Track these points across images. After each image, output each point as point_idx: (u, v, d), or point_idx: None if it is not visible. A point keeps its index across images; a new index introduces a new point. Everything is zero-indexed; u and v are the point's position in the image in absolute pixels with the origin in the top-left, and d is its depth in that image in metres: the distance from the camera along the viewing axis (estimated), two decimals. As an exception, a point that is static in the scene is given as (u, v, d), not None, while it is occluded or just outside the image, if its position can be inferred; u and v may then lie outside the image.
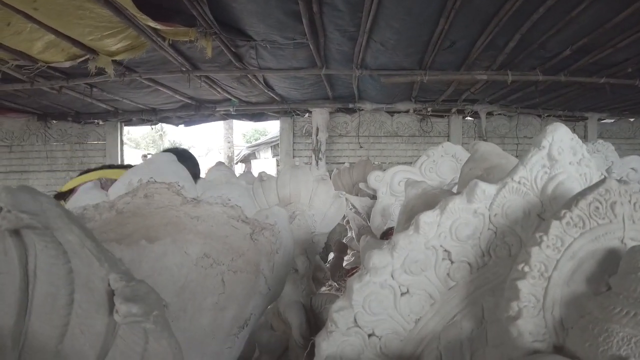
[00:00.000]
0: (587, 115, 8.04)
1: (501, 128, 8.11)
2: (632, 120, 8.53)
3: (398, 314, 1.10)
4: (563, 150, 1.09)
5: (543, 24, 3.95)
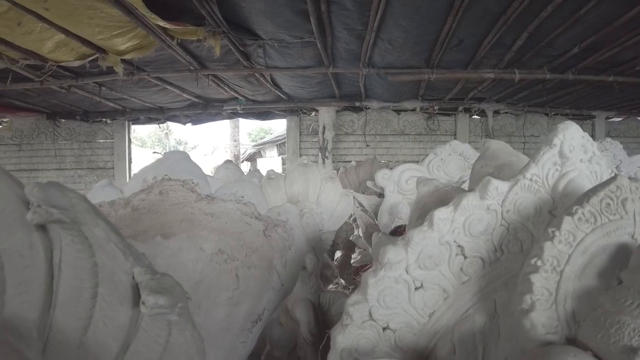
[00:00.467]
0: (595, 113, 7.99)
1: (508, 126, 8.07)
2: (641, 118, 8.47)
3: (412, 308, 1.12)
4: (574, 148, 1.11)
5: (551, 22, 3.93)
